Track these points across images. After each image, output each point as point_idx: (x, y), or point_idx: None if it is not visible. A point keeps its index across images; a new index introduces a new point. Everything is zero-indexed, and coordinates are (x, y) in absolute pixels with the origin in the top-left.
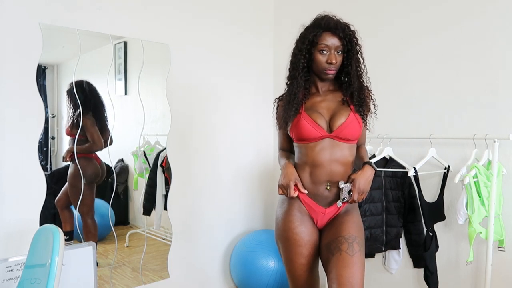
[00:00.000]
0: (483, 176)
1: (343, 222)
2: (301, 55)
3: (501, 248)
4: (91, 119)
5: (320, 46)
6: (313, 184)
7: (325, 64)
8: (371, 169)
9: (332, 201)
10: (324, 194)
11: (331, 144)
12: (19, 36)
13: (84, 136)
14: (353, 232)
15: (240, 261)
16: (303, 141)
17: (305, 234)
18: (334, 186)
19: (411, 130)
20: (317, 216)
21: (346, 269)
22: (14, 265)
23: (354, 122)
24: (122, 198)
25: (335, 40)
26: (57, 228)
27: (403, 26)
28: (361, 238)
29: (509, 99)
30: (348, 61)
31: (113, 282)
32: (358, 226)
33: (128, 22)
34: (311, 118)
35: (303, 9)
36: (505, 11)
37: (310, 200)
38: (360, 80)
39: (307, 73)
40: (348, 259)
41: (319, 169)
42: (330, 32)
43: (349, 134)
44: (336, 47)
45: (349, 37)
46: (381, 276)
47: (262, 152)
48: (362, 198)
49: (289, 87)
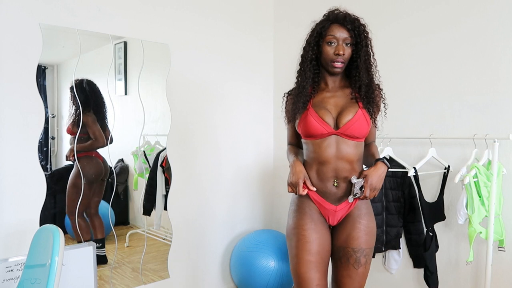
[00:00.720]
0: (483, 176)
1: (354, 229)
2: (310, 48)
3: (501, 248)
4: (92, 116)
5: (328, 37)
6: (321, 181)
7: (333, 55)
8: (384, 166)
9: (342, 198)
10: (333, 190)
11: (338, 141)
12: (19, 36)
13: (86, 134)
14: (362, 245)
15: (240, 261)
16: (309, 138)
17: (314, 231)
18: (342, 182)
19: (411, 130)
20: (328, 214)
21: (349, 279)
22: (14, 265)
23: (362, 119)
24: (122, 198)
25: (343, 32)
26: (57, 228)
27: (403, 27)
28: (370, 249)
29: (509, 99)
30: (357, 54)
31: (113, 282)
32: (369, 234)
33: (128, 22)
34: (317, 114)
35: (303, 10)
36: (505, 10)
37: (320, 198)
38: (369, 73)
39: (316, 67)
40: (353, 272)
41: (325, 166)
42: (338, 24)
43: (356, 132)
44: (344, 38)
45: (358, 29)
46: (381, 276)
47: (262, 152)
48: (374, 195)
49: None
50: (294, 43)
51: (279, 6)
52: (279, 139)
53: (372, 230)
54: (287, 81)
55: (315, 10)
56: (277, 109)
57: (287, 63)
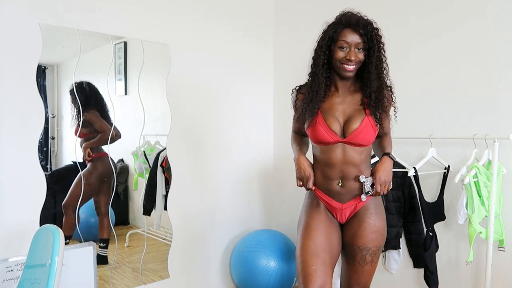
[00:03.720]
0: (483, 176)
1: (360, 227)
2: (321, 52)
3: (501, 248)
4: (95, 113)
5: (340, 42)
6: (326, 180)
7: (344, 60)
8: (389, 159)
9: (348, 197)
10: (337, 189)
11: (344, 148)
12: (19, 36)
13: (94, 132)
14: (368, 243)
15: (240, 261)
16: (317, 143)
17: (319, 221)
18: (347, 182)
19: (411, 130)
20: (336, 211)
21: (355, 275)
22: (14, 265)
23: (368, 127)
24: (122, 198)
25: (355, 37)
26: (57, 228)
27: (403, 28)
28: (377, 247)
29: (509, 99)
30: (369, 59)
31: (113, 282)
32: (376, 233)
33: (128, 22)
34: (326, 123)
35: (303, 11)
36: (505, 11)
37: (326, 196)
38: (381, 79)
39: (328, 70)
40: (359, 268)
41: (331, 168)
42: (350, 28)
43: (361, 140)
44: (356, 44)
45: (370, 34)
46: (381, 276)
47: (262, 152)
48: (387, 189)
49: (310, 84)
50: (294, 44)
51: (280, 7)
52: (279, 139)
53: (380, 228)
54: (287, 81)
55: (315, 10)
56: (277, 109)
57: (287, 64)
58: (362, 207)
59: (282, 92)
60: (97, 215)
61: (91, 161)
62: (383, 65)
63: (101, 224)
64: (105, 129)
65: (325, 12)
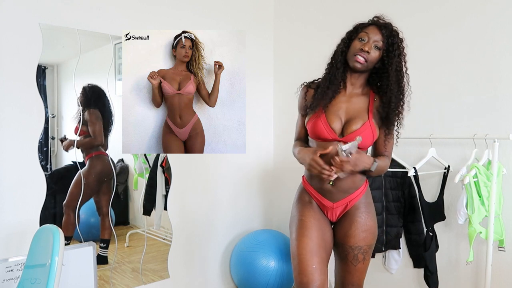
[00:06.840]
0: (483, 176)
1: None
2: (343, 42)
3: (501, 248)
4: (96, 113)
5: (362, 34)
6: (318, 176)
7: (358, 50)
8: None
9: (339, 196)
10: (328, 188)
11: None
12: (19, 36)
13: (87, 131)
14: (359, 242)
15: (240, 261)
16: (315, 138)
17: (313, 218)
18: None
19: (411, 130)
20: (327, 210)
21: (348, 274)
22: (14, 265)
23: (368, 131)
24: (122, 198)
25: (376, 34)
26: (57, 228)
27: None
28: (368, 246)
29: (509, 99)
30: (388, 61)
31: (113, 282)
32: (367, 232)
33: (128, 22)
34: (327, 120)
35: (303, 10)
36: (505, 10)
37: (319, 195)
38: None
39: (345, 64)
40: (352, 268)
41: None
42: (375, 26)
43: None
44: (375, 40)
45: (392, 37)
46: (381, 276)
47: (262, 152)
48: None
49: (326, 75)
50: (294, 42)
51: (279, 5)
52: (279, 139)
53: (370, 227)
54: (287, 80)
55: (315, 10)
56: (277, 109)
57: (287, 63)
58: (353, 206)
59: (282, 92)
60: (98, 216)
61: (90, 160)
62: (402, 72)
63: (102, 224)
64: (96, 134)
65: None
